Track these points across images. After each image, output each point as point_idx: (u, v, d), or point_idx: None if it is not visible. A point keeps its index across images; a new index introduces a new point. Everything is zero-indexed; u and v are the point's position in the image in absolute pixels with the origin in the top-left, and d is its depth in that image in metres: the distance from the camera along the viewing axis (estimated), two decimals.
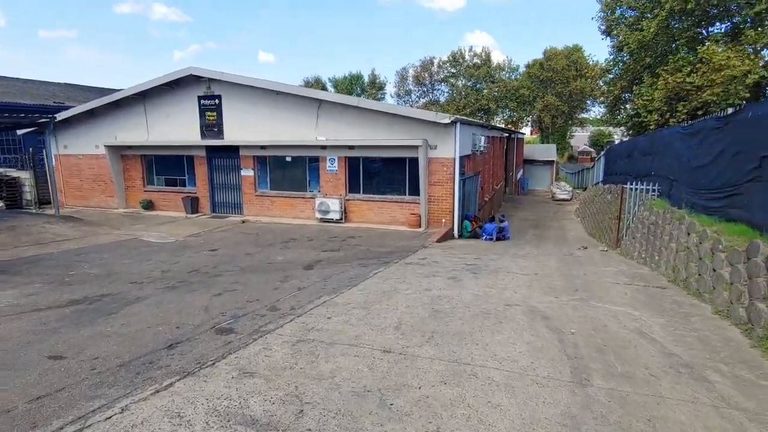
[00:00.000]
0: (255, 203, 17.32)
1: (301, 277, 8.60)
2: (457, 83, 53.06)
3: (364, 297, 6.97)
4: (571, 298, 7.03)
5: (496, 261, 10.14)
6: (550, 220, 23.67)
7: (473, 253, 11.32)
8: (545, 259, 10.95)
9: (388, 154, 15.08)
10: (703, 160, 9.22)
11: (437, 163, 14.41)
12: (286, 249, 11.71)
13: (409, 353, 4.79)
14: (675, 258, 8.79)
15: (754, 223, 6.96)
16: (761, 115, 7.04)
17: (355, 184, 15.88)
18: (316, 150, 15.91)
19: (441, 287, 7.57)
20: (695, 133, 9.85)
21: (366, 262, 9.84)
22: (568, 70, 46.39)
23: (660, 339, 5.36)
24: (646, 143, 14.37)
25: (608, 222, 16.31)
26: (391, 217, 15.38)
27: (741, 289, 6.17)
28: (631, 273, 9.19)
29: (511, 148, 31.12)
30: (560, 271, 9.21)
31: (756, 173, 7.07)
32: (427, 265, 9.48)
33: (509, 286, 7.69)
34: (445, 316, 6.05)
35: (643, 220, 11.75)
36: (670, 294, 7.45)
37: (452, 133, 14.09)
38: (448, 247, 12.36)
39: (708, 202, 8.82)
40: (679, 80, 19.78)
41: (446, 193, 14.47)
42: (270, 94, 15.93)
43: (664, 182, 11.88)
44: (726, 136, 8.20)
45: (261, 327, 5.67)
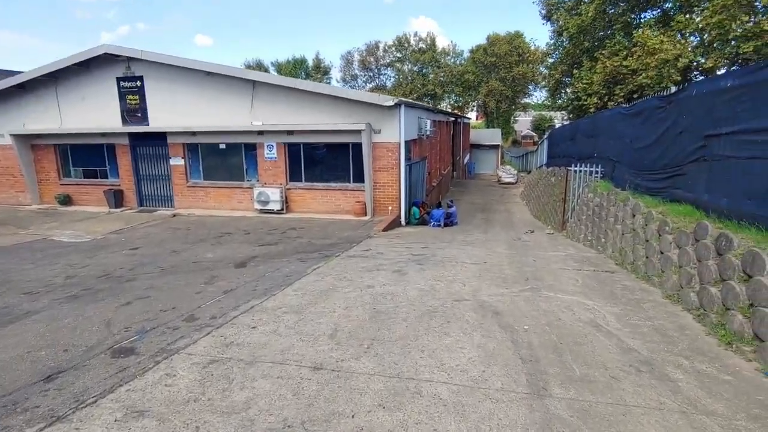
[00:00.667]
0: (187, 195, 15.88)
1: (231, 277, 7.65)
2: (403, 68, 52.44)
3: (299, 299, 6.16)
4: (523, 288, 6.57)
5: (444, 250, 9.62)
6: (496, 203, 23.70)
7: (421, 242, 10.76)
8: (494, 245, 10.58)
9: (331, 139, 14.17)
10: (646, 140, 9.08)
11: (382, 148, 13.68)
12: (219, 245, 10.61)
13: (343, 369, 4.06)
14: (621, 240, 8.62)
15: (699, 204, 6.77)
16: (706, 93, 6.82)
17: (296, 172, 14.86)
18: (253, 136, 14.71)
19: (384, 283, 6.90)
20: (637, 113, 9.71)
21: (305, 257, 9.01)
22: (510, 56, 46.91)
23: (616, 331, 4.97)
24: (588, 125, 14.35)
25: (553, 204, 16.33)
26: (335, 206, 14.55)
27: (691, 273, 5.93)
28: (579, 257, 8.96)
29: (458, 132, 30.97)
30: (510, 258, 8.82)
31: (700, 153, 6.88)
32: (371, 257, 8.78)
33: (458, 278, 7.14)
34: (387, 317, 5.37)
35: (587, 202, 11.65)
36: (620, 278, 7.19)
37: (397, 116, 13.39)
38: (394, 236, 11.73)
39: (651, 183, 8.68)
40: (616, 64, 20.12)
41: (392, 179, 13.80)
42: (199, 75, 14.48)
43: (607, 164, 11.82)
44: (669, 116, 8.01)
45: (169, 344, 4.74)
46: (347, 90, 14.26)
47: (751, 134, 5.66)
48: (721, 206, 6.17)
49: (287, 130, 14.23)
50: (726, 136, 6.20)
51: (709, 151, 6.63)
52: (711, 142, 6.58)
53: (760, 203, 5.39)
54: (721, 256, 5.41)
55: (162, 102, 15.08)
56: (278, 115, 14.18)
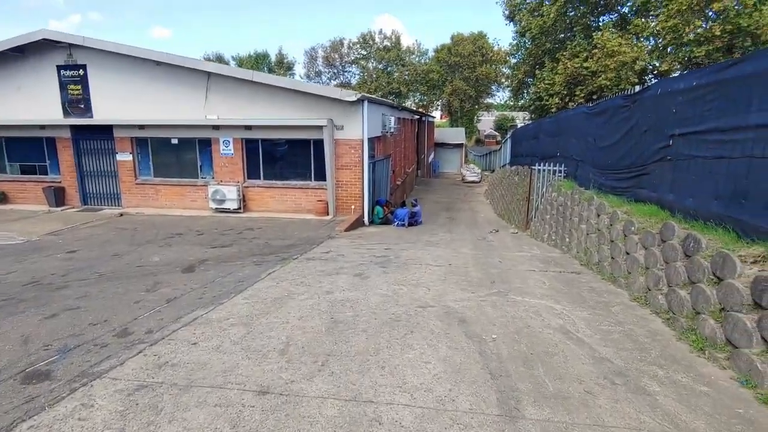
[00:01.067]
0: (136, 193, 14.82)
1: (176, 283, 6.96)
2: (367, 65, 51.92)
3: (249, 308, 5.59)
4: (489, 292, 6.26)
5: (408, 251, 9.23)
6: (461, 202, 23.64)
7: (384, 242, 10.34)
8: (459, 245, 10.29)
9: (291, 135, 13.53)
10: (610, 139, 9.00)
11: (345, 145, 13.17)
12: (167, 247, 9.82)
13: (293, 392, 3.57)
14: (586, 240, 8.49)
15: (664, 204, 6.67)
16: (671, 92, 6.71)
17: (254, 169, 14.12)
18: (208, 131, 13.86)
19: (345, 288, 6.42)
20: (601, 112, 9.64)
21: (261, 260, 8.40)
22: (474, 56, 47.25)
23: (587, 339, 4.70)
24: (551, 124, 14.35)
25: (517, 204, 16.30)
26: (296, 205, 13.92)
27: (658, 275, 5.77)
28: (545, 257, 8.78)
29: (423, 130, 30.79)
30: (475, 259, 8.53)
31: (664, 152, 6.77)
32: (331, 260, 8.27)
33: (422, 282, 6.75)
34: (346, 328, 4.90)
35: (551, 202, 11.57)
36: (586, 280, 7.01)
37: (360, 112, 12.91)
38: (357, 236, 11.26)
39: (616, 183, 8.60)
40: (576, 65, 20.38)
41: (355, 177, 13.32)
42: (148, 65, 13.50)
43: (570, 163, 11.78)
44: (633, 115, 7.92)
45: (93, 366, 4.09)
46: (308, 84, 13.67)
47: (717, 133, 5.53)
48: (686, 206, 6.05)
49: (245, 125, 13.48)
50: (691, 135, 6.08)
51: (673, 151, 6.52)
52: (676, 141, 6.48)
53: (726, 204, 5.26)
54: (690, 258, 5.26)
55: (108, 93, 13.97)
56: (235, 109, 13.41)
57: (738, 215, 5.01)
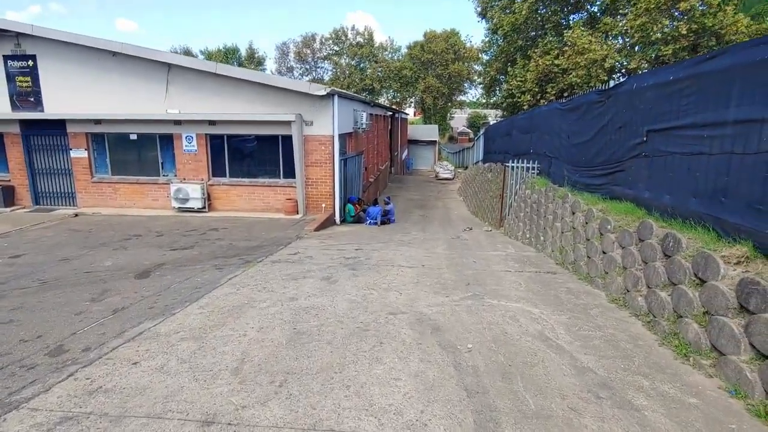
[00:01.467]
0: (92, 192, 13.90)
1: (127, 291, 6.35)
2: (340, 62, 51.14)
3: (204, 318, 5.08)
4: (464, 295, 5.92)
5: (379, 251, 8.83)
6: (434, 199, 23.42)
7: (355, 242, 9.91)
8: (432, 244, 9.96)
9: (259, 131, 12.91)
10: (584, 136, 8.82)
11: (314, 142, 12.65)
12: (123, 250, 9.12)
13: (243, 421, 3.11)
14: (561, 239, 8.28)
15: (641, 201, 6.48)
16: (647, 86, 6.51)
17: (219, 166, 13.44)
18: (169, 126, 13.08)
19: (311, 293, 5.96)
20: (575, 108, 9.46)
21: (223, 263, 7.84)
22: (447, 53, 47.15)
23: (567, 346, 4.40)
24: (524, 121, 14.19)
25: (490, 201, 16.13)
26: (264, 204, 13.32)
27: (637, 275, 5.55)
28: (519, 257, 8.53)
29: (396, 127, 30.44)
30: (449, 259, 8.20)
31: (641, 148, 6.58)
32: (298, 262, 7.79)
33: (394, 285, 6.36)
34: (309, 340, 4.46)
35: (525, 199, 11.38)
36: (563, 280, 6.77)
37: (330, 107, 12.41)
38: (327, 236, 10.78)
39: (590, 180, 8.42)
40: (548, 63, 20.37)
41: (326, 174, 12.82)
42: (103, 56, 12.63)
43: (543, 160, 11.61)
44: (608, 110, 7.73)
45: (11, 395, 3.52)
46: (276, 77, 13.06)
47: (695, 129, 5.33)
48: (663, 204, 5.85)
49: (209, 120, 12.78)
50: (668, 131, 5.89)
51: (650, 147, 6.32)
52: (653, 137, 6.28)
53: (706, 202, 5.06)
54: (670, 258, 5.03)
55: (60, 85, 13.02)
56: (198, 103, 12.69)
57: (718, 214, 4.80)
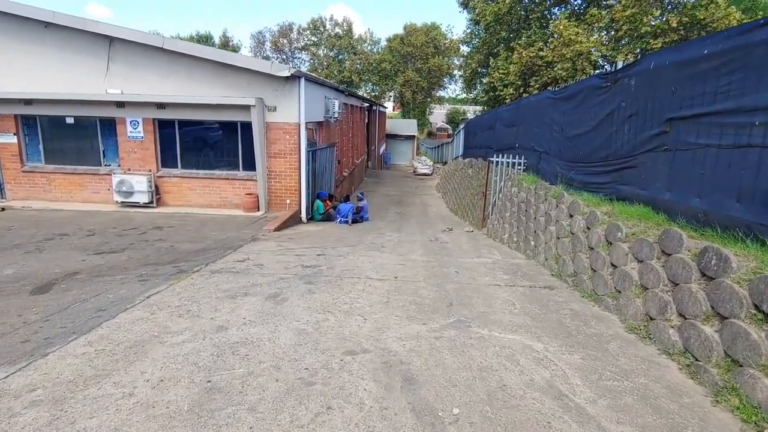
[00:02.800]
0: (23, 183, 12.03)
1: (10, 311, 4.77)
2: (318, 52, 49.30)
3: (83, 364, 3.58)
4: (446, 322, 4.58)
5: (346, 257, 7.43)
6: (412, 195, 22.12)
7: (319, 246, 8.47)
8: (408, 248, 8.62)
9: (215, 116, 11.29)
10: (582, 127, 7.60)
11: (278, 130, 11.12)
12: (38, 253, 7.46)
13: None
14: (557, 246, 7.04)
15: (659, 204, 5.26)
16: (670, 65, 5.29)
17: (170, 156, 11.77)
18: (111, 109, 11.33)
19: (248, 320, 4.53)
20: (570, 96, 8.23)
21: (152, 272, 6.31)
22: (427, 47, 45.89)
23: (590, 408, 3.11)
24: (509, 113, 12.96)
25: (471, 198, 14.91)
26: (221, 199, 11.73)
27: (664, 299, 4.32)
28: (508, 265, 7.26)
29: (373, 120, 28.98)
30: (427, 268, 6.86)
31: (659, 140, 5.35)
32: (244, 272, 6.31)
33: (358, 306, 4.98)
34: (225, 403, 3.04)
35: (511, 198, 10.15)
36: (564, 298, 5.52)
37: (296, 91, 10.89)
38: (288, 237, 9.30)
39: (589, 177, 7.20)
40: (532, 55, 19.25)
41: (291, 167, 11.32)
42: (34, 27, 10.78)
43: (531, 155, 10.40)
44: (614, 97, 6.50)
45: None
46: (233, 54, 11.43)
47: (743, 115, 4.11)
48: (692, 208, 4.64)
49: (157, 103, 11.09)
50: (700, 118, 4.65)
51: (672, 138, 5.10)
52: (677, 126, 5.06)
53: (758, 207, 3.85)
54: (713, 281, 3.80)
55: None
56: (145, 83, 10.99)
57: None
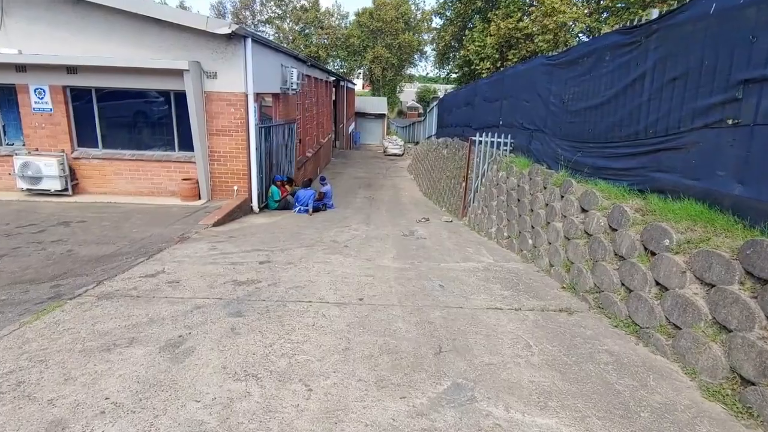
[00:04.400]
0: None
1: None
2: (283, 26, 45.97)
3: None
4: (438, 393, 2.89)
5: (297, 265, 5.62)
6: (382, 177, 20.33)
7: (266, 246, 6.61)
8: (379, 248, 6.88)
9: (142, 83, 9.05)
10: (594, 98, 5.96)
11: (221, 101, 9.03)
12: None
13: None
14: (567, 249, 5.45)
15: (723, 200, 3.70)
16: (742, 4, 3.67)
17: (89, 132, 9.48)
18: (9, 73, 8.89)
19: (113, 402, 2.68)
20: (575, 61, 6.55)
21: (16, 297, 4.33)
22: (396, 22, 43.43)
23: None
24: (491, 87, 11.24)
25: (447, 182, 13.26)
26: (153, 185, 9.60)
27: (764, 349, 2.77)
28: (504, 272, 5.64)
29: (341, 97, 26.73)
30: (403, 281, 5.15)
31: (724, 111, 3.76)
32: (147, 296, 4.41)
33: (300, 361, 3.22)
34: None
35: (498, 184, 8.52)
36: (592, 330, 3.92)
37: (241, 54, 8.79)
38: (229, 234, 7.37)
39: (605, 161, 5.60)
40: (510, 26, 17.51)
41: (238, 146, 9.28)
42: None
43: (520, 134, 8.77)
44: (646, 55, 4.84)
45: None
46: (156, 6, 9.10)
47: None
48: None
49: (66, 66, 8.75)
50: None
51: (749, 108, 3.52)
52: (756, 91, 3.47)
53: None
54: None
55: None
56: (53, 42, 8.61)
57: None
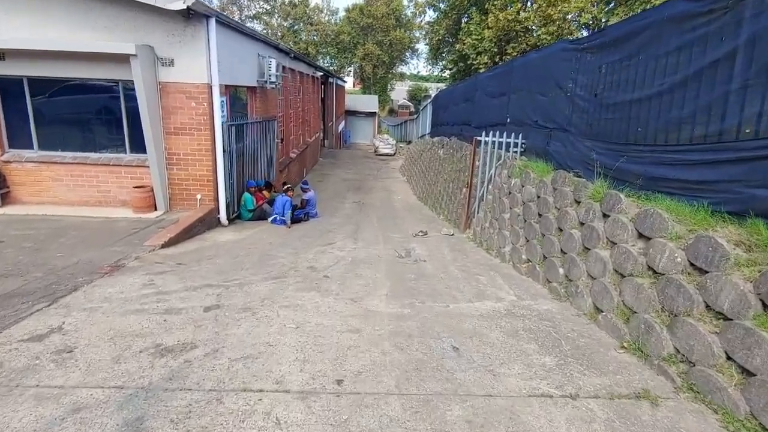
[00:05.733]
0: None
1: None
2: (272, 22, 44.12)
3: None
4: None
5: (255, 314, 4.07)
6: (373, 179, 18.81)
7: (221, 278, 5.04)
8: (368, 279, 5.37)
9: (85, 72, 7.42)
10: (646, 87, 4.50)
11: (179, 94, 7.43)
12: None
13: None
14: (622, 290, 3.98)
15: None
16: None
17: (21, 131, 7.83)
18: None
19: None
20: (616, 41, 5.09)
21: None
22: (387, 19, 41.83)
23: None
24: (496, 80, 9.76)
25: (444, 185, 11.79)
26: (101, 194, 7.97)
27: None
28: (538, 321, 4.16)
29: (330, 93, 25.09)
30: (401, 342, 3.64)
31: None
32: (4, 387, 2.88)
33: None
34: None
35: (511, 193, 7.04)
36: None
37: (202, 37, 7.20)
38: (178, 260, 5.76)
39: (666, 170, 4.13)
40: (510, 18, 16.06)
41: (201, 147, 7.70)
42: None
43: (534, 133, 7.31)
44: (743, 26, 3.41)
45: None
46: None
47: None
48: None
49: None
50: None
51: None
52: None
53: None
54: None
55: None
56: None
57: None
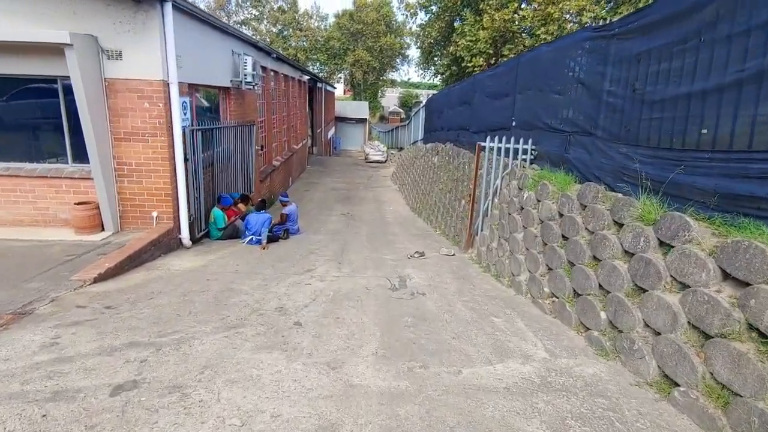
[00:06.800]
0: None
1: None
2: (260, 27, 43.01)
3: None
4: None
5: (185, 399, 2.82)
6: (363, 188, 17.62)
7: (155, 329, 3.78)
8: (351, 325, 4.15)
9: (11, 67, 6.15)
10: (713, 77, 3.41)
11: (129, 93, 6.18)
12: None
13: None
14: (708, 355, 2.83)
15: None
16: None
17: None
18: None
19: None
20: (663, 22, 4.00)
21: None
22: (378, 25, 40.90)
23: None
24: (498, 79, 8.65)
25: (439, 196, 10.64)
26: (38, 212, 6.66)
27: None
28: (591, 403, 2.97)
29: (318, 98, 23.92)
30: None
31: None
32: None
33: None
34: None
35: (525, 208, 5.87)
36: None
37: (157, 26, 5.98)
38: (109, 301, 4.48)
39: (754, 187, 3.05)
40: (506, 18, 15.06)
41: (157, 155, 6.44)
42: None
43: (546, 137, 6.19)
44: None
45: None
46: None
47: None
48: None
49: None
50: None
51: None
52: None
53: None
54: None
55: None
56: None
57: None
